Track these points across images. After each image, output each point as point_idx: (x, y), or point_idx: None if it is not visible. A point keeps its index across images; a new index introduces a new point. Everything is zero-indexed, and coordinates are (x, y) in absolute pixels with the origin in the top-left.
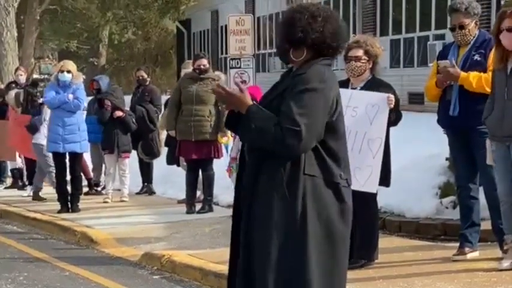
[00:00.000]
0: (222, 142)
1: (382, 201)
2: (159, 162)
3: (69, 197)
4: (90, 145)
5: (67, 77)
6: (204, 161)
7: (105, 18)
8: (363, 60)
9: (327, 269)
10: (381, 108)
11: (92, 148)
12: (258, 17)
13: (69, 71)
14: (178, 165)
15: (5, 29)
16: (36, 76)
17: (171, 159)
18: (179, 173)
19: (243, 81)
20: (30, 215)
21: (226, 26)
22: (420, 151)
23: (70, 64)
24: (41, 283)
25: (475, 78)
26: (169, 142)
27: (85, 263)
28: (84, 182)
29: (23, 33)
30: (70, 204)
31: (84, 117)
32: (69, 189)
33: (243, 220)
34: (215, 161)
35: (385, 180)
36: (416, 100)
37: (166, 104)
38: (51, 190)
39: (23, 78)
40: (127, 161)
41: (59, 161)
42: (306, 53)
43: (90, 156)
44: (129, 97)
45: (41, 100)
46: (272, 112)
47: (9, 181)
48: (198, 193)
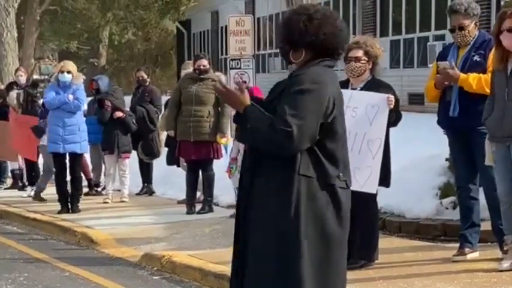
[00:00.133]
0: (221, 143)
1: (382, 201)
2: (159, 163)
3: (69, 197)
4: (90, 146)
5: (67, 77)
6: (204, 162)
7: (106, 19)
8: (363, 61)
9: (322, 269)
10: (380, 108)
11: (92, 149)
12: (258, 18)
13: (69, 72)
14: (178, 165)
15: (5, 29)
16: (36, 77)
17: (171, 160)
18: (179, 174)
19: (244, 82)
20: (30, 216)
21: (226, 26)
22: (420, 152)
23: (70, 65)
24: (41, 284)
25: (475, 80)
26: (169, 142)
27: (85, 263)
28: (84, 182)
29: (23, 33)
30: (70, 205)
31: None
32: (69, 190)
33: (240, 221)
34: (215, 161)
35: (385, 180)
36: (416, 101)
37: (167, 104)
38: (51, 191)
39: (23, 78)
40: (127, 161)
41: (59, 161)
42: (304, 54)
43: (90, 157)
44: (129, 97)
45: (41, 101)
46: (271, 112)
47: (9, 182)
48: (198, 194)
